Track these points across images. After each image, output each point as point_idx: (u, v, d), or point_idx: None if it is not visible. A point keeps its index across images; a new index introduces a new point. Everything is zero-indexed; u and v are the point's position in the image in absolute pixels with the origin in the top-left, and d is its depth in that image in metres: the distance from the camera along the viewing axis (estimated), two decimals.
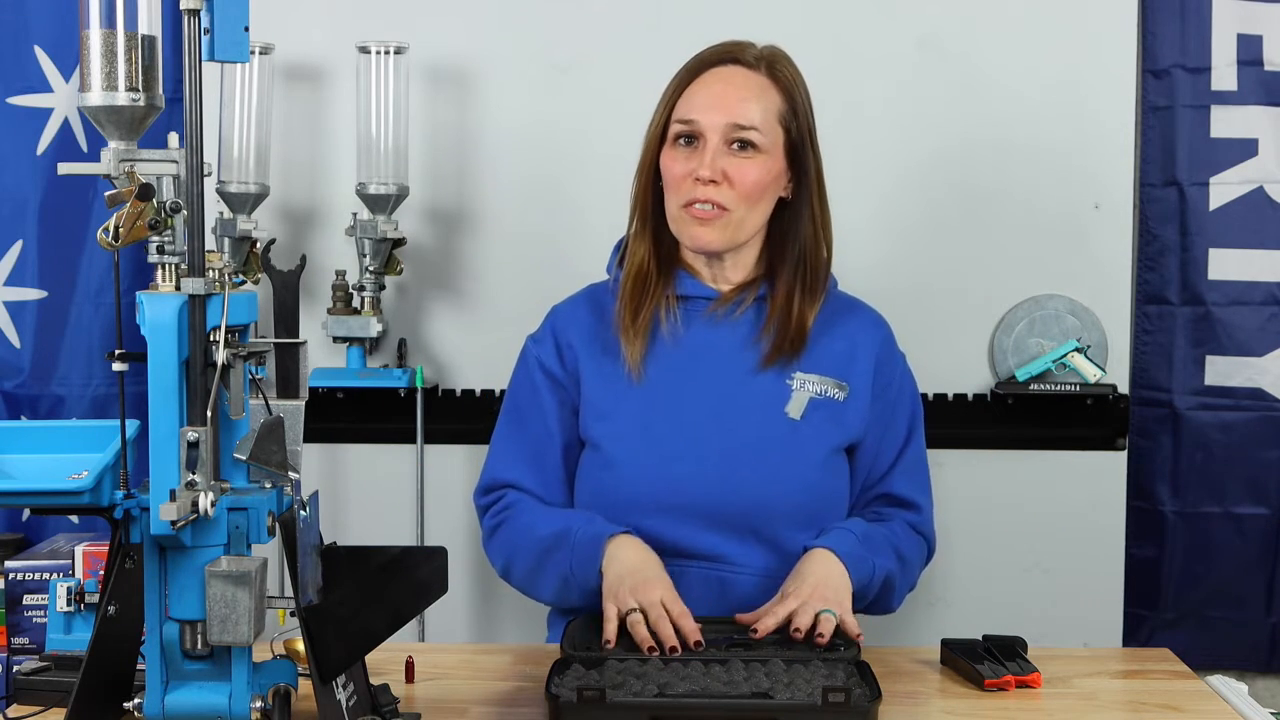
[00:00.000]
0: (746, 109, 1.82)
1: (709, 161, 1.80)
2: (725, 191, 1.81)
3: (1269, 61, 2.44)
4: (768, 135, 1.83)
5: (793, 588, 1.69)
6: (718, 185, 1.81)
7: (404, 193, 2.40)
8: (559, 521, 1.81)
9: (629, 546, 1.75)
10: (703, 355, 1.86)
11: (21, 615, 1.80)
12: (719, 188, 1.81)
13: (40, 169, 2.47)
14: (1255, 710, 1.52)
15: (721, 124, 1.81)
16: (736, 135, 1.81)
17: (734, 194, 1.82)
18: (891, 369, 1.93)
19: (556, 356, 1.91)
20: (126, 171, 1.27)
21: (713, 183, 1.81)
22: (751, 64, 1.85)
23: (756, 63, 1.86)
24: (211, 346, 1.26)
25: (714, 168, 1.80)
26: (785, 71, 1.86)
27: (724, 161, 1.81)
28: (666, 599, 1.65)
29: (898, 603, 1.88)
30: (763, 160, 1.82)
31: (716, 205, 1.81)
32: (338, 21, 2.47)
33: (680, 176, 1.83)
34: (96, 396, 2.50)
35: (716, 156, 1.81)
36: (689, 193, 1.82)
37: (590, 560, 1.73)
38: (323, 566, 1.35)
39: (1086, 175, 2.46)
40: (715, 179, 1.80)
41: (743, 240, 1.86)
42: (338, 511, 2.50)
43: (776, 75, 1.86)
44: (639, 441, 1.83)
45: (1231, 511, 2.50)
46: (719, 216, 1.82)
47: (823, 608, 1.63)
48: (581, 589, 1.75)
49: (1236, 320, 2.48)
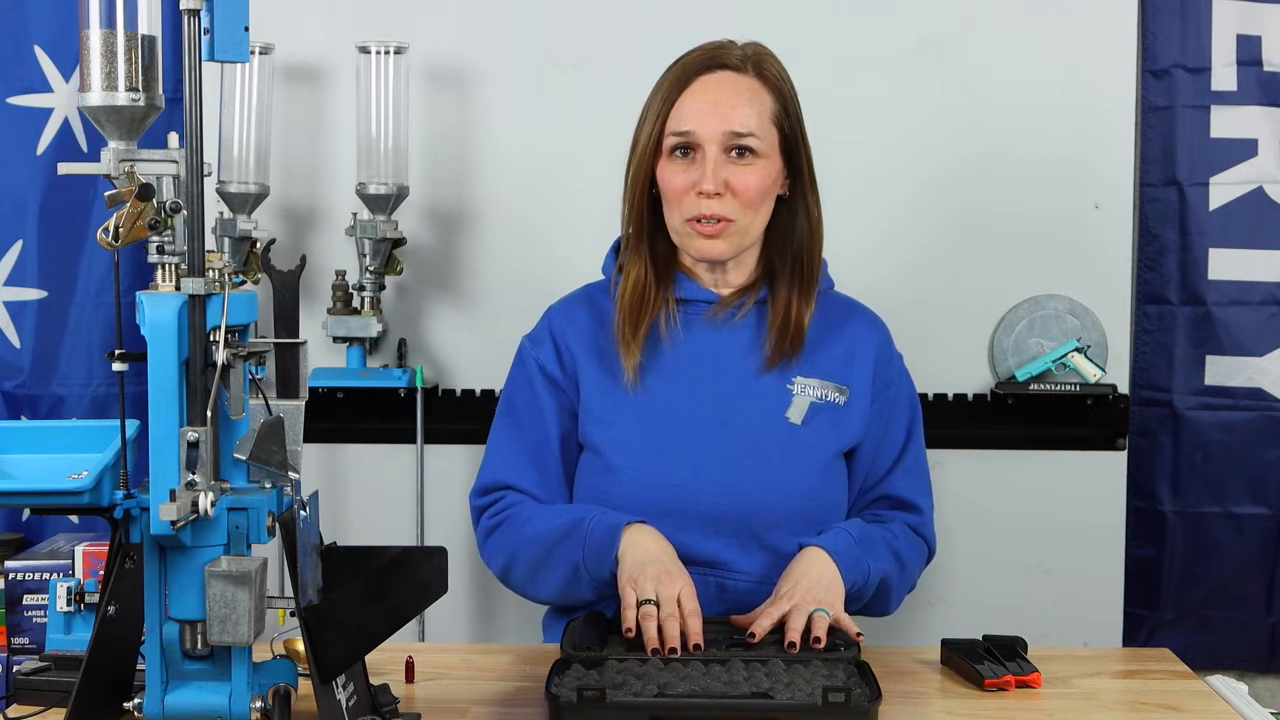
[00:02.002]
0: (742, 115, 1.81)
1: (711, 174, 1.79)
2: (729, 203, 1.80)
3: (1268, 62, 2.44)
4: (765, 139, 1.82)
5: (785, 589, 1.68)
6: (721, 197, 1.80)
7: (404, 193, 2.40)
8: (570, 514, 1.80)
9: (648, 534, 1.74)
10: (703, 360, 1.86)
11: (21, 615, 1.80)
12: (722, 200, 1.80)
13: (40, 169, 2.47)
14: (1255, 710, 1.52)
15: (719, 133, 1.80)
16: (735, 143, 1.80)
17: (737, 204, 1.81)
18: (890, 370, 1.92)
19: (555, 358, 1.90)
20: (126, 171, 1.28)
21: (716, 195, 1.80)
22: (738, 66, 1.84)
23: (743, 64, 1.84)
24: (211, 346, 1.26)
25: (716, 179, 1.79)
26: (772, 69, 1.86)
27: (725, 171, 1.80)
28: (684, 595, 1.64)
29: (895, 605, 1.88)
30: (762, 165, 1.82)
31: (722, 219, 1.81)
32: (338, 21, 2.47)
33: (681, 190, 1.82)
34: (96, 396, 2.50)
35: (718, 168, 1.80)
36: (692, 208, 1.81)
37: (605, 549, 1.72)
38: (323, 566, 1.35)
39: (1086, 175, 2.46)
40: (719, 191, 1.80)
41: (746, 246, 1.86)
42: (338, 511, 2.49)
43: (764, 75, 1.85)
44: (640, 446, 1.83)
45: (1231, 511, 2.50)
46: (725, 228, 1.81)
47: (815, 608, 1.63)
48: (593, 579, 1.74)
49: (1236, 320, 2.47)
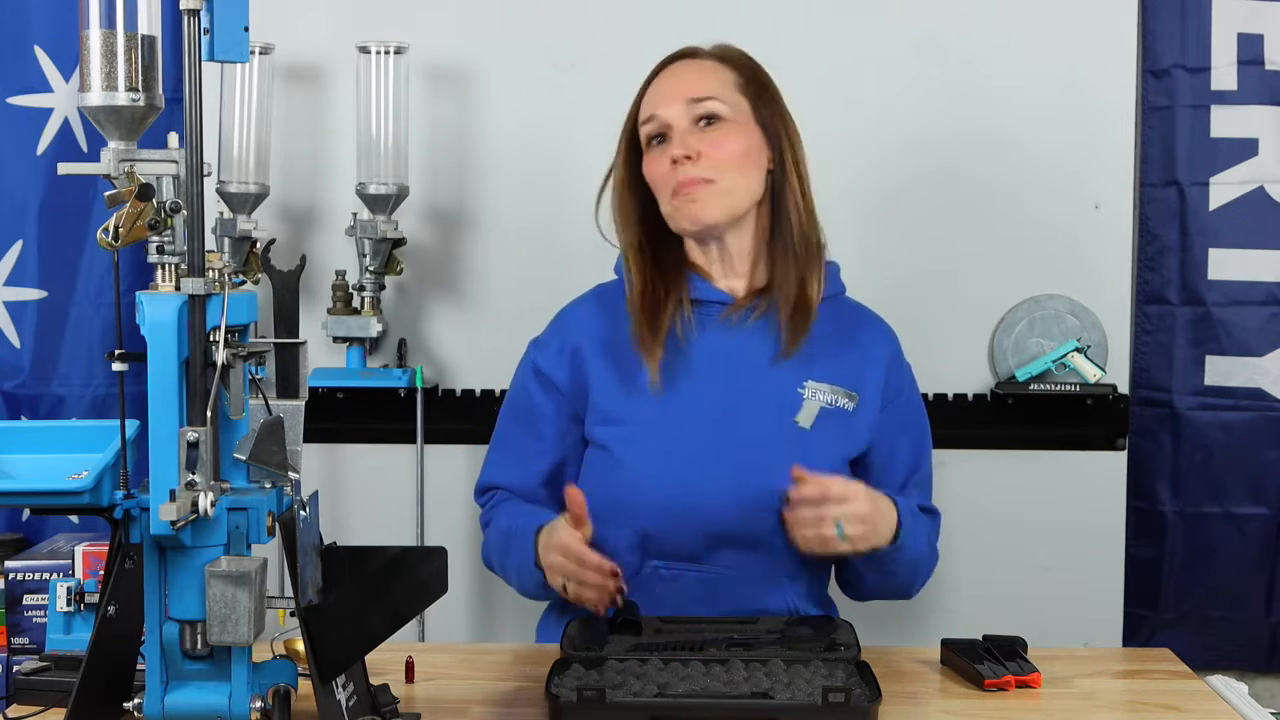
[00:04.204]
0: (701, 82, 1.84)
1: (679, 141, 1.82)
2: (703, 165, 1.81)
3: (1269, 61, 2.44)
4: (731, 105, 1.84)
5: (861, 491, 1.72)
6: (694, 161, 1.81)
7: (404, 193, 2.40)
8: (514, 518, 1.84)
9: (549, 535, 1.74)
10: (715, 361, 1.85)
11: (21, 615, 1.80)
12: (696, 163, 1.81)
13: (40, 169, 2.47)
14: (1255, 710, 1.52)
15: (680, 106, 1.83)
16: (698, 111, 1.82)
17: (712, 163, 1.81)
18: (900, 381, 1.93)
19: (558, 362, 1.90)
20: (126, 171, 1.27)
21: (687, 159, 1.81)
22: (702, 55, 1.89)
23: (707, 54, 1.89)
24: (211, 346, 1.26)
25: (685, 145, 1.81)
26: (736, 54, 1.89)
27: (694, 139, 1.82)
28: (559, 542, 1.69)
29: (918, 588, 1.92)
30: (734, 129, 1.83)
31: (700, 180, 1.81)
32: (338, 21, 2.47)
33: (662, 174, 1.84)
34: (96, 396, 2.50)
35: (686, 136, 1.82)
36: (672, 181, 1.83)
37: (528, 554, 1.77)
38: (323, 566, 1.35)
39: (1086, 175, 2.46)
40: (689, 154, 1.81)
41: (739, 211, 1.85)
42: (338, 511, 2.50)
43: (727, 57, 1.89)
44: (648, 446, 1.83)
45: (1231, 511, 2.50)
46: (705, 187, 1.82)
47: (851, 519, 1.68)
48: (535, 583, 1.78)
49: (1236, 320, 2.48)
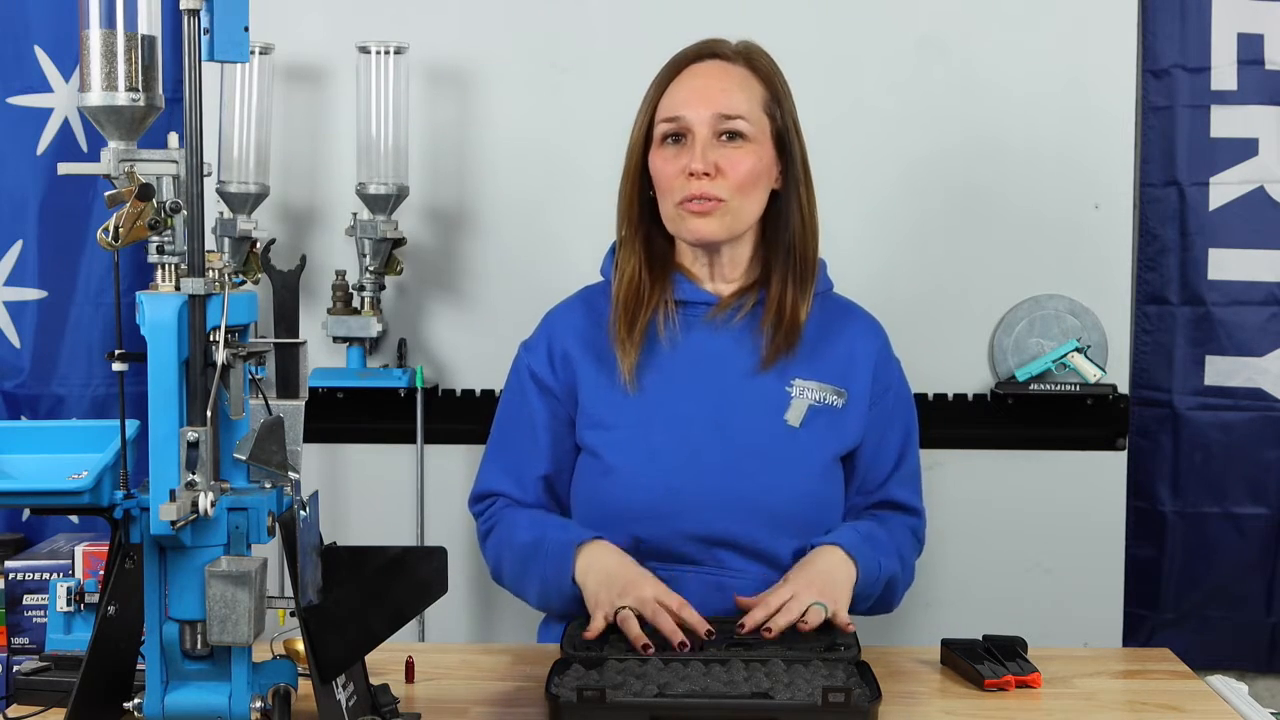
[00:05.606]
0: (731, 99, 1.82)
1: (700, 154, 1.80)
2: (719, 183, 1.80)
3: (1269, 61, 2.44)
4: (755, 124, 1.83)
5: (792, 576, 1.70)
6: (711, 178, 1.80)
7: (404, 193, 2.40)
8: (537, 529, 1.81)
9: (602, 552, 1.74)
10: (702, 362, 1.85)
11: (21, 615, 1.80)
12: (712, 180, 1.80)
13: (40, 169, 2.47)
14: (1255, 710, 1.52)
15: (708, 116, 1.81)
16: (724, 126, 1.81)
17: (727, 184, 1.81)
18: (889, 375, 1.92)
19: (549, 366, 1.90)
20: (126, 171, 1.27)
21: (705, 175, 1.80)
22: (730, 57, 1.86)
23: (734, 56, 1.86)
24: (211, 346, 1.26)
25: (705, 160, 1.79)
26: (763, 63, 1.87)
27: (715, 154, 1.80)
28: (659, 593, 1.64)
29: (898, 602, 1.90)
30: (753, 149, 1.82)
31: (712, 198, 1.80)
32: (338, 21, 2.47)
33: (672, 175, 1.82)
34: (96, 396, 2.50)
35: (707, 149, 1.80)
36: (682, 189, 1.81)
37: (562, 568, 1.73)
38: (323, 566, 1.35)
39: (1086, 175, 2.46)
40: (708, 171, 1.80)
41: (740, 231, 1.85)
42: (338, 511, 2.49)
43: (755, 66, 1.86)
44: (638, 449, 1.82)
45: (1231, 511, 2.50)
46: (716, 207, 1.81)
47: (816, 600, 1.63)
48: (560, 596, 1.75)
49: (1236, 320, 2.47)
